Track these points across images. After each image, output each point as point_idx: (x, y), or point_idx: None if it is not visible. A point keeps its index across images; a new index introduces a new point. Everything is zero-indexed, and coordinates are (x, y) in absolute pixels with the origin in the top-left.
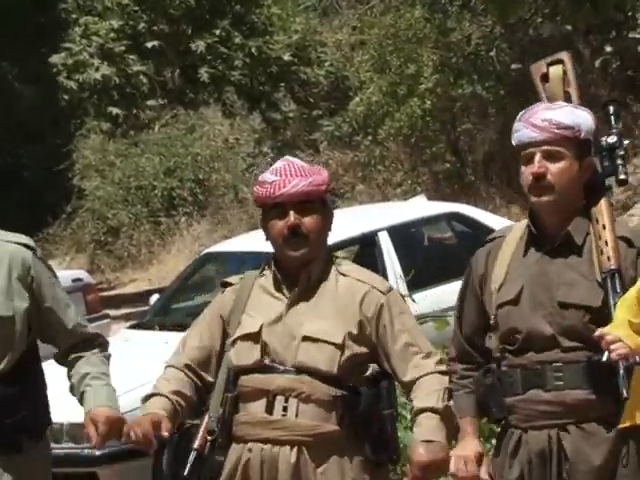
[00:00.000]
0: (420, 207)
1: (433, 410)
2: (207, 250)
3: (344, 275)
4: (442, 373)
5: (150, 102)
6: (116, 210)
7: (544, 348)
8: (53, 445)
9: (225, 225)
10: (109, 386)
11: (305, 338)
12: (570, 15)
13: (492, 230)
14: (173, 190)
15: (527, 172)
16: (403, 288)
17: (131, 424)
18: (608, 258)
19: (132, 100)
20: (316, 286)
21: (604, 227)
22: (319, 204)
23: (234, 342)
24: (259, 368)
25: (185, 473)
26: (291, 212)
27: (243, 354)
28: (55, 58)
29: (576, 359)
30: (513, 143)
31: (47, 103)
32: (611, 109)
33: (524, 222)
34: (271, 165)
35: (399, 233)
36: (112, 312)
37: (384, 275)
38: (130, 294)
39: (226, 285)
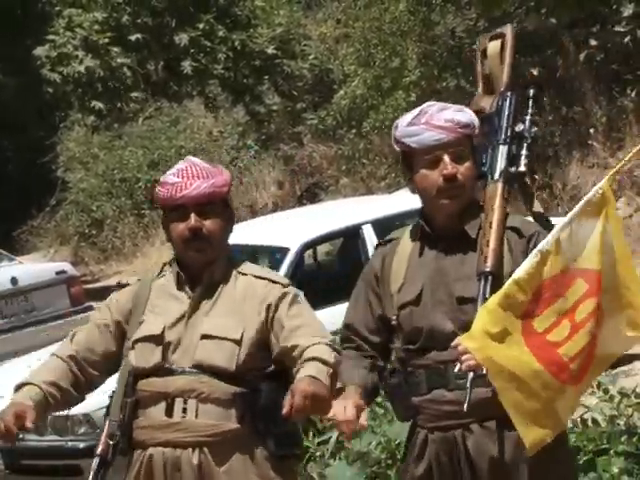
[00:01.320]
0: (404, 200)
1: (323, 361)
2: None
3: (244, 274)
4: (332, 348)
5: (134, 95)
6: (100, 202)
7: (446, 346)
8: (37, 438)
9: None
10: None
11: (204, 336)
12: (555, 8)
13: None
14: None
15: (435, 175)
16: None
17: None
18: (485, 259)
19: (116, 93)
20: (217, 286)
21: (490, 225)
22: (221, 205)
23: (134, 344)
24: (158, 371)
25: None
26: (192, 214)
27: (143, 356)
28: (39, 50)
29: None
30: (407, 147)
31: (31, 95)
32: (531, 92)
33: (417, 224)
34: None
35: (383, 226)
36: (96, 304)
37: None
38: (114, 286)
39: (122, 286)
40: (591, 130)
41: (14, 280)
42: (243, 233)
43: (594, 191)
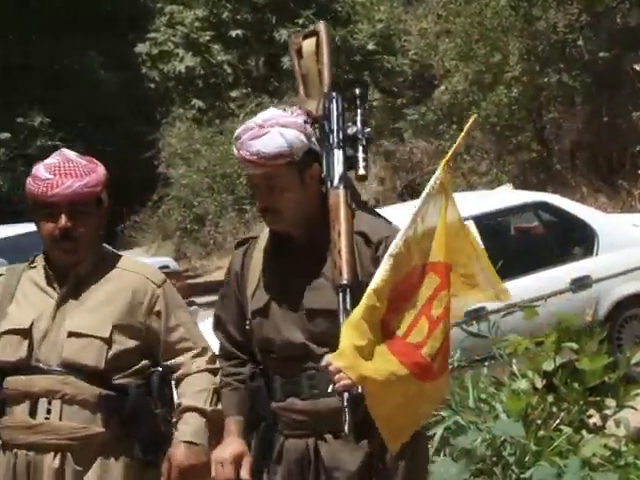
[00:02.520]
0: (506, 196)
1: (199, 411)
2: None
3: (116, 268)
4: (213, 371)
5: (234, 91)
6: (202, 198)
7: (298, 356)
8: None
9: None
10: None
11: (70, 334)
12: None
13: (579, 220)
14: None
15: (258, 200)
16: None
17: None
18: (340, 272)
19: (217, 89)
20: (87, 281)
21: (339, 234)
22: (93, 204)
23: (0, 336)
24: (23, 368)
25: None
26: (62, 215)
27: (8, 349)
28: (140, 47)
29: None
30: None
31: (132, 91)
32: (357, 91)
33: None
34: None
35: (485, 222)
36: (199, 299)
37: None
38: (216, 282)
39: None
40: None
41: None
42: None
43: (432, 182)
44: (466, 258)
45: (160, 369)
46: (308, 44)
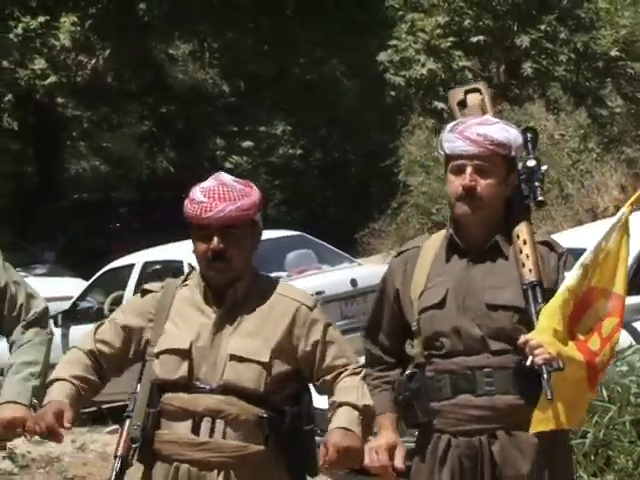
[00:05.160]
0: None
1: (352, 405)
2: None
3: (270, 292)
4: (360, 373)
5: None
6: (440, 205)
7: (473, 351)
8: None
9: (549, 221)
10: (24, 379)
11: (232, 357)
12: None
13: None
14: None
15: (457, 183)
16: None
17: (35, 417)
18: (529, 270)
19: None
20: (243, 303)
21: (525, 242)
22: (246, 227)
23: (159, 354)
24: (184, 386)
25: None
26: (215, 238)
27: (169, 368)
28: (382, 55)
29: (505, 364)
30: (441, 152)
31: (373, 99)
32: (529, 136)
33: (441, 233)
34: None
35: None
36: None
37: None
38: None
39: (146, 292)
40: None
41: (354, 282)
42: (582, 236)
43: (620, 214)
44: None
45: (310, 386)
46: (472, 97)
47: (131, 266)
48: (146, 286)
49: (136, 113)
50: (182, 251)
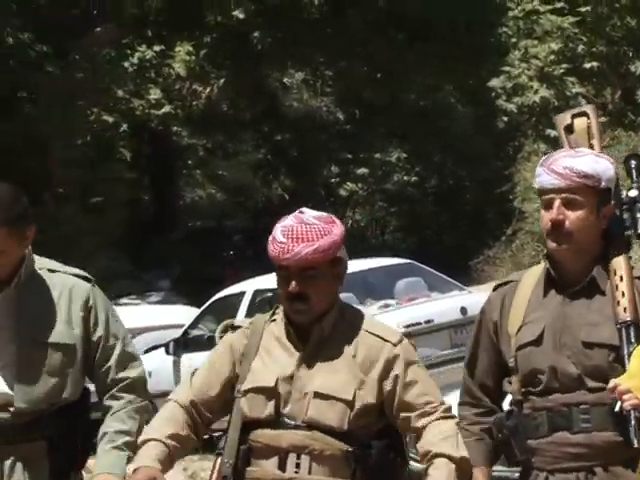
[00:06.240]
0: None
1: (450, 458)
2: None
3: (356, 329)
4: (452, 418)
5: None
6: None
7: (569, 389)
8: None
9: None
10: (119, 449)
11: (316, 394)
12: None
13: None
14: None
15: (546, 218)
16: None
17: None
18: (624, 309)
19: None
20: (328, 340)
21: (621, 279)
22: (326, 267)
23: (246, 392)
24: (270, 423)
25: None
26: (293, 281)
27: (256, 406)
28: (494, 81)
29: (602, 400)
30: (535, 187)
31: (487, 125)
32: (633, 163)
33: (539, 267)
34: None
35: None
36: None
37: None
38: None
39: (235, 328)
40: None
41: (463, 310)
42: None
43: None
44: None
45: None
46: (579, 122)
47: (242, 294)
48: (236, 322)
49: (251, 141)
50: None
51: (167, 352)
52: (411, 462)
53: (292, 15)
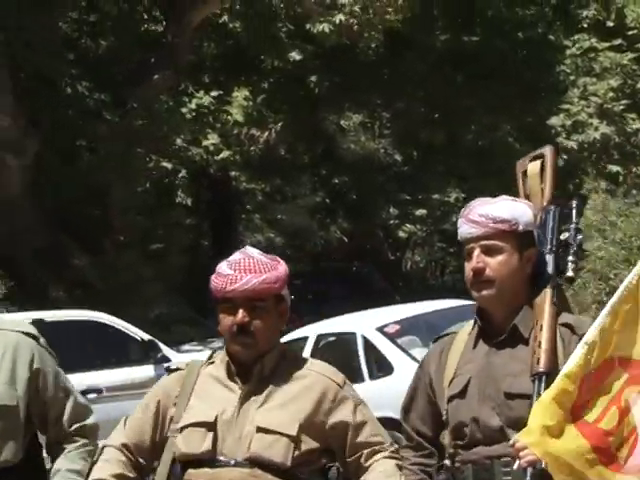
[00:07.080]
0: None
1: None
2: None
3: (298, 368)
4: (398, 459)
5: None
6: (618, 270)
7: (492, 441)
8: None
9: None
10: None
11: (259, 429)
12: None
13: None
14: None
15: (468, 268)
16: None
17: None
18: (537, 360)
19: (632, 158)
20: (270, 377)
21: (541, 328)
22: (272, 301)
23: (183, 429)
24: (208, 461)
25: None
26: (240, 310)
27: (193, 442)
28: (554, 119)
29: None
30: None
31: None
32: (574, 203)
33: (473, 319)
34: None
35: None
36: None
37: None
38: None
39: (172, 371)
40: None
41: None
42: None
43: (632, 276)
44: None
45: (337, 464)
46: (532, 167)
47: (305, 339)
48: (172, 365)
49: (309, 184)
50: (355, 323)
51: None
52: None
53: (348, 57)
